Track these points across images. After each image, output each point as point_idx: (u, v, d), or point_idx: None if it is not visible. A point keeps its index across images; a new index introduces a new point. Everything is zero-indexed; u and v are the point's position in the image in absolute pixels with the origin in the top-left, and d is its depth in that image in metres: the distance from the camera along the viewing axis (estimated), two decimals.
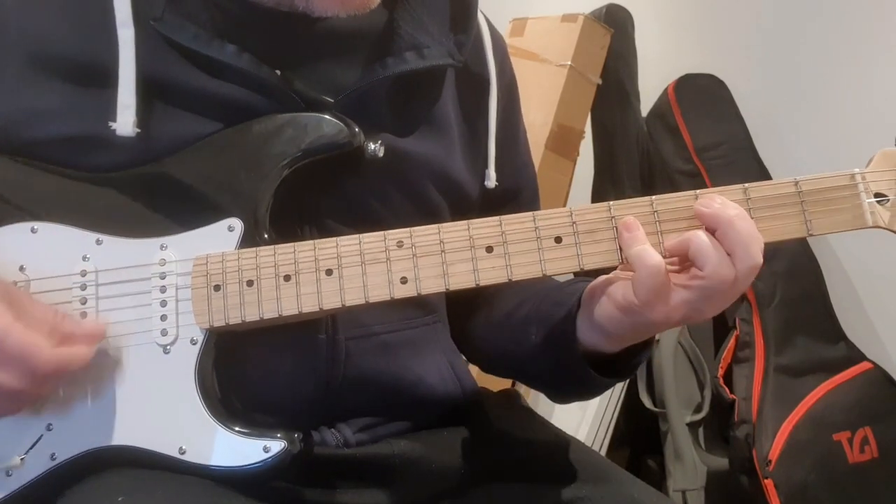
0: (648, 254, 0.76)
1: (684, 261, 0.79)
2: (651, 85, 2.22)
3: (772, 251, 2.01)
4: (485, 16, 1.06)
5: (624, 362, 0.87)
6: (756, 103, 2.13)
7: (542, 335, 0.91)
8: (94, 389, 0.81)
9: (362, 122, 0.87)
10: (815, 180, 0.80)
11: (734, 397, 1.89)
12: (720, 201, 0.78)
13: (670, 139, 2.14)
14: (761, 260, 0.76)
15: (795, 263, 1.96)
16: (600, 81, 2.15)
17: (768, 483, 1.75)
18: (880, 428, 1.86)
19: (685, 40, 2.37)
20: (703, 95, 2.16)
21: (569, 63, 2.09)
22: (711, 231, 0.77)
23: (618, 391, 2.05)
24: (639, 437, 2.17)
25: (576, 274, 0.85)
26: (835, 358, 1.93)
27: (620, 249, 0.79)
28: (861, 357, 1.94)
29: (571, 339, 0.86)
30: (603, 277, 0.84)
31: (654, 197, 0.80)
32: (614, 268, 0.82)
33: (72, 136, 0.84)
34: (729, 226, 0.76)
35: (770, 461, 1.76)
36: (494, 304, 1.04)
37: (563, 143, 2.09)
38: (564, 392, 0.98)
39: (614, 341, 0.84)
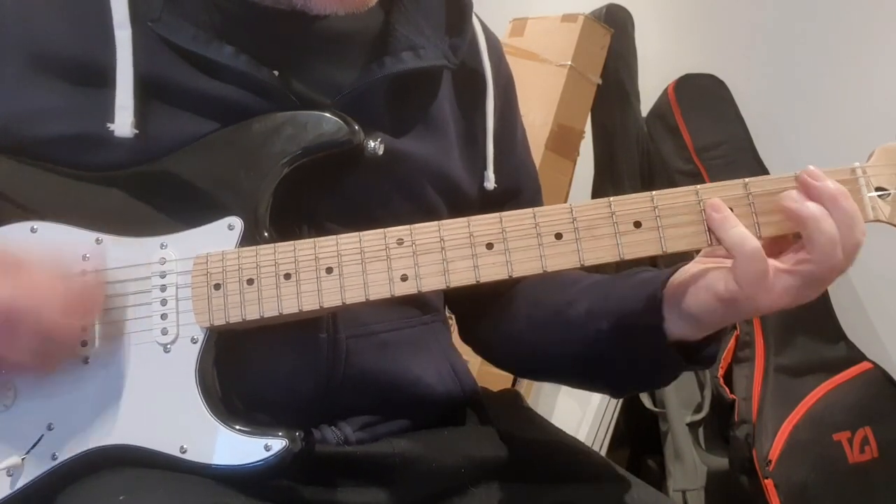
0: (747, 238, 0.74)
1: (776, 240, 0.77)
2: (651, 85, 2.22)
3: None
4: (479, 18, 1.06)
5: (706, 348, 0.84)
6: (756, 103, 2.13)
7: (617, 330, 0.88)
8: (94, 389, 0.80)
9: (360, 122, 0.87)
10: None
11: (734, 397, 1.89)
12: (823, 180, 0.76)
13: (670, 139, 2.14)
14: (864, 241, 0.74)
15: None
16: (600, 81, 2.15)
17: (768, 483, 1.75)
18: (880, 428, 1.86)
19: (685, 40, 2.37)
20: (703, 95, 2.16)
21: (569, 63, 2.09)
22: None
23: None
24: (639, 437, 2.17)
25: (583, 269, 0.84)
26: (835, 358, 1.93)
27: (622, 245, 0.78)
28: (861, 357, 1.94)
29: (659, 330, 0.82)
30: (693, 268, 0.81)
31: (654, 192, 0.79)
32: (615, 263, 0.81)
33: (70, 136, 0.84)
34: (834, 204, 0.74)
35: (770, 461, 1.76)
36: (538, 302, 1.01)
37: (563, 143, 2.09)
38: (634, 384, 0.97)
39: (705, 329, 0.81)
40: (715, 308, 0.77)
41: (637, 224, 0.79)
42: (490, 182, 1.04)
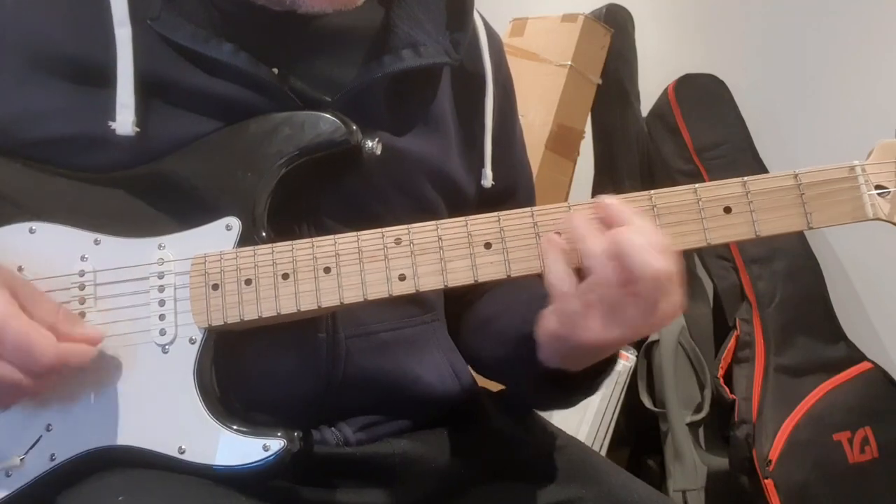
0: (560, 281, 0.75)
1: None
2: (651, 85, 2.22)
3: (772, 251, 2.02)
4: (480, 14, 1.06)
5: (588, 381, 0.86)
6: (756, 103, 2.13)
7: (511, 351, 0.90)
8: (93, 389, 0.81)
9: (359, 120, 0.87)
10: (815, 173, 0.80)
11: (734, 397, 1.88)
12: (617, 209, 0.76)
13: (670, 139, 2.14)
14: (657, 266, 0.71)
15: (795, 263, 1.96)
16: (600, 81, 2.15)
17: (768, 483, 1.75)
18: (880, 428, 1.86)
19: (685, 40, 2.37)
20: (703, 95, 2.16)
21: (569, 63, 2.08)
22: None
23: (618, 391, 2.04)
24: (639, 437, 2.17)
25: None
26: (835, 358, 1.93)
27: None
28: (861, 357, 1.94)
29: (534, 361, 0.84)
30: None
31: (652, 191, 0.79)
32: None
33: (71, 136, 0.84)
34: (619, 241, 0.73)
35: (770, 461, 1.76)
36: (479, 309, 1.03)
37: (563, 143, 2.09)
38: (540, 402, 0.98)
39: (570, 363, 0.82)
40: (551, 343, 0.79)
41: None
42: (488, 180, 1.04)
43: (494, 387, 1.13)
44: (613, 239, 0.73)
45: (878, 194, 0.80)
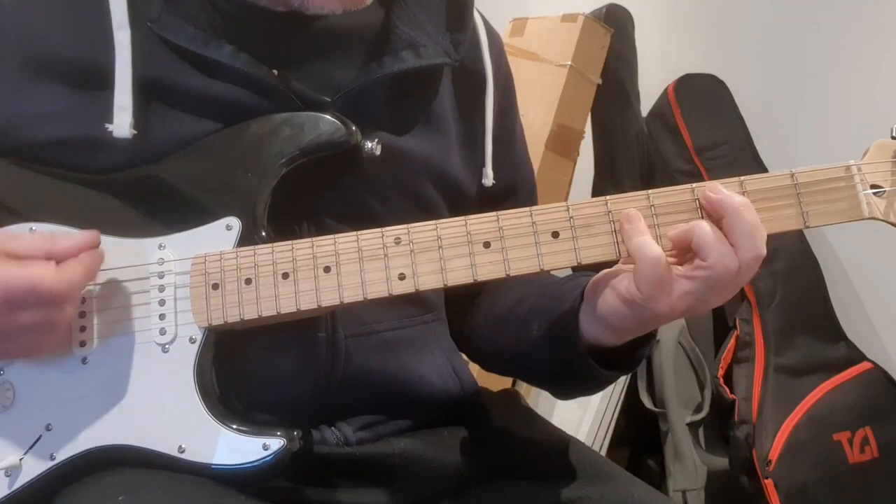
0: (648, 245, 0.76)
1: (686, 251, 0.78)
2: (651, 85, 2.22)
3: (772, 251, 2.01)
4: (481, 14, 1.06)
5: (626, 355, 0.86)
6: (756, 103, 2.13)
7: (544, 330, 0.90)
8: (92, 389, 0.81)
9: (359, 120, 0.87)
10: (811, 172, 0.80)
11: (734, 397, 1.88)
12: (727, 192, 0.78)
13: (670, 139, 2.14)
14: (765, 251, 0.76)
15: (795, 263, 1.96)
16: (600, 81, 2.15)
17: (768, 483, 1.75)
18: (880, 428, 1.86)
19: (685, 40, 2.37)
20: (703, 95, 2.16)
21: (569, 63, 2.09)
22: (716, 220, 0.77)
23: (618, 391, 2.05)
24: (639, 437, 2.17)
25: (574, 269, 0.84)
26: (835, 358, 1.93)
27: (619, 243, 0.79)
28: (861, 357, 1.94)
29: (574, 334, 0.85)
30: (606, 271, 0.83)
31: (650, 191, 0.79)
32: (612, 262, 0.82)
33: (70, 139, 0.84)
34: (735, 214, 0.76)
35: (770, 461, 1.76)
36: (495, 301, 1.04)
37: (563, 143, 2.09)
38: (567, 388, 0.97)
39: (617, 334, 0.83)
40: (618, 308, 0.79)
41: None
42: (488, 179, 1.04)
43: (495, 386, 1.13)
44: (743, 220, 0.75)
45: (874, 193, 0.80)
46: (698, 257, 0.76)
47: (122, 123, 0.83)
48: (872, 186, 0.80)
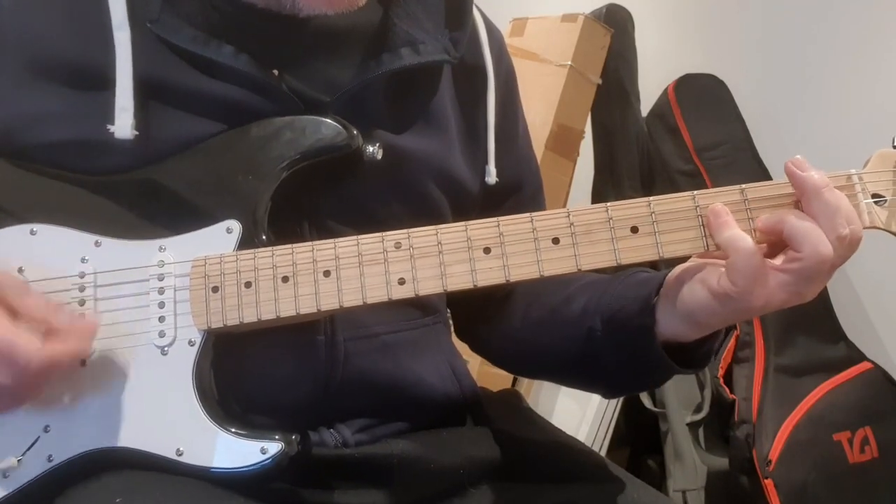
0: (742, 237, 0.75)
1: (775, 243, 0.78)
2: (651, 85, 2.22)
3: None
4: (480, 10, 1.06)
5: (699, 350, 0.85)
6: (756, 103, 2.13)
7: (610, 329, 0.88)
8: (91, 391, 0.81)
9: (360, 120, 0.87)
10: None
11: (734, 397, 1.89)
12: (807, 173, 0.77)
13: (670, 139, 2.14)
14: (846, 231, 0.74)
15: None
16: (600, 81, 2.15)
17: (768, 483, 1.75)
18: (880, 428, 1.86)
19: (685, 40, 2.37)
20: (703, 95, 2.16)
21: (569, 63, 2.09)
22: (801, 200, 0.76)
23: None
24: (639, 437, 2.17)
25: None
26: (835, 358, 1.93)
27: (618, 250, 0.78)
28: (861, 357, 1.95)
29: (650, 332, 0.83)
30: (687, 264, 0.82)
31: (651, 198, 0.79)
32: (613, 268, 0.81)
33: (70, 140, 0.84)
34: (815, 195, 0.75)
35: (770, 461, 1.76)
36: (532, 303, 1.02)
37: (563, 143, 2.09)
38: (626, 386, 0.96)
39: (701, 329, 0.82)
40: (709, 303, 0.77)
41: (634, 229, 0.79)
42: (491, 176, 1.03)
43: (495, 387, 1.13)
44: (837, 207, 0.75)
45: (875, 203, 0.80)
46: (791, 248, 0.75)
47: (123, 124, 0.83)
48: (874, 196, 0.80)
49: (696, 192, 0.79)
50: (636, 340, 0.85)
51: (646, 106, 2.23)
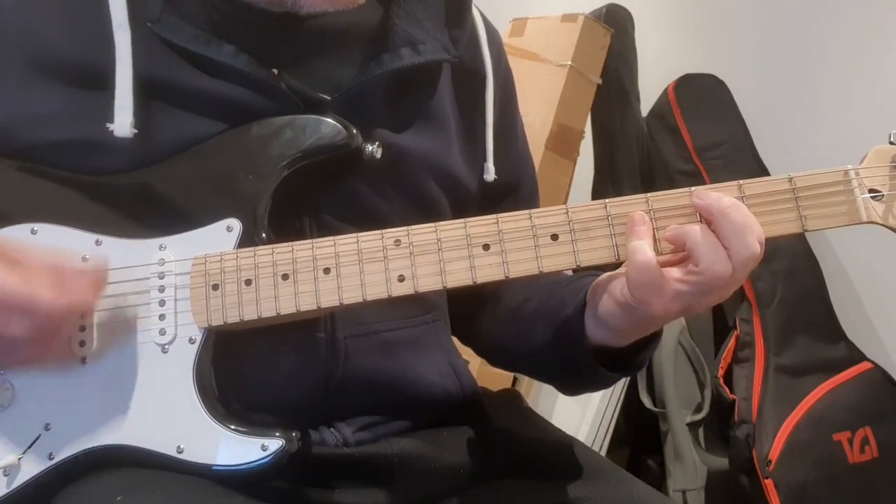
0: (640, 250, 0.76)
1: (681, 250, 0.79)
2: (651, 85, 2.22)
3: (772, 251, 2.01)
4: (479, 10, 1.06)
5: (632, 356, 0.87)
6: (756, 103, 2.13)
7: (550, 332, 0.91)
8: (92, 389, 0.81)
9: (360, 119, 0.87)
10: (810, 176, 0.80)
11: (734, 397, 1.89)
12: (715, 195, 0.78)
13: (670, 139, 2.14)
14: (758, 250, 0.76)
15: (795, 263, 1.96)
16: (600, 81, 2.15)
17: (768, 483, 1.75)
18: (880, 428, 1.86)
19: (685, 40, 2.37)
20: (703, 95, 2.16)
21: (569, 63, 2.09)
22: (708, 223, 0.77)
23: (618, 391, 2.05)
24: (639, 437, 2.17)
25: (574, 271, 0.84)
26: (835, 358, 1.93)
27: (617, 246, 0.79)
28: (861, 357, 1.95)
29: (580, 336, 0.86)
30: (608, 274, 0.84)
31: (649, 194, 0.80)
32: (613, 264, 0.82)
33: (71, 140, 0.84)
34: (722, 217, 0.76)
35: (770, 461, 1.76)
36: (500, 300, 1.04)
37: (563, 143, 2.09)
38: (572, 386, 0.99)
39: (620, 336, 0.84)
40: (614, 312, 0.80)
41: None
42: (490, 174, 1.04)
43: (495, 387, 1.13)
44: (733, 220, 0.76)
45: (872, 198, 0.80)
46: (691, 261, 0.76)
47: (122, 123, 0.83)
48: (871, 191, 0.80)
49: (693, 188, 0.79)
50: (569, 344, 0.88)
51: (646, 106, 2.23)
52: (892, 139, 0.82)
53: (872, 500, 1.83)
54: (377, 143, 0.88)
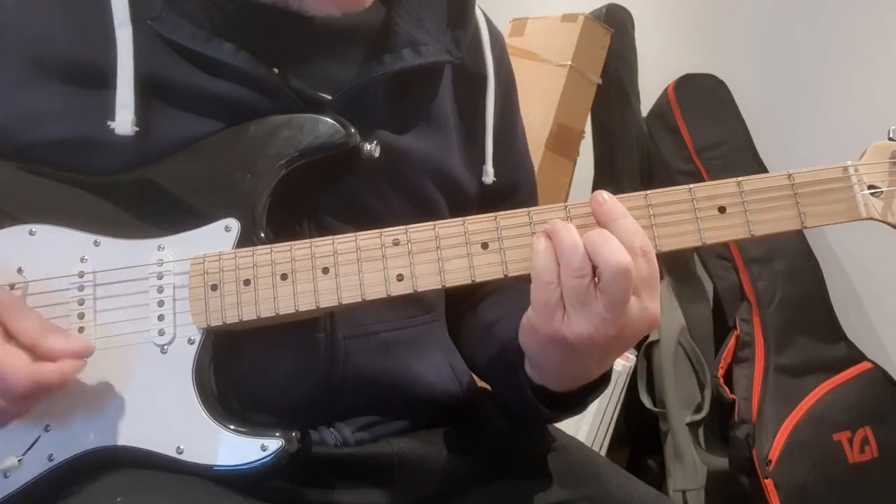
0: (537, 270, 0.76)
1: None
2: (651, 85, 2.22)
3: (772, 250, 2.02)
4: (483, 11, 1.06)
5: (576, 398, 0.86)
6: (756, 103, 2.13)
7: (499, 359, 0.91)
8: (91, 390, 0.81)
9: (360, 119, 0.87)
10: (809, 173, 0.80)
11: (734, 397, 1.89)
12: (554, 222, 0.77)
13: (670, 139, 2.14)
14: (621, 259, 0.73)
15: (795, 263, 1.96)
16: (600, 81, 2.15)
17: (768, 483, 1.75)
18: (880, 428, 1.86)
19: (685, 40, 2.37)
20: (703, 95, 2.16)
21: (569, 63, 2.09)
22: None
23: (618, 391, 2.04)
24: (639, 437, 2.17)
25: None
26: (835, 358, 1.93)
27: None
28: (861, 357, 1.94)
29: (519, 370, 0.86)
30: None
31: (648, 191, 0.79)
32: None
33: (71, 139, 0.84)
34: (556, 240, 0.76)
35: (770, 461, 1.76)
36: (480, 313, 1.04)
37: (563, 143, 2.09)
38: (514, 419, 0.97)
39: (551, 377, 0.83)
40: (526, 338, 0.80)
41: None
42: (489, 176, 1.04)
43: None
44: (587, 234, 0.75)
45: (871, 194, 0.80)
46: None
47: (123, 121, 0.83)
48: (870, 187, 0.80)
49: (693, 185, 0.79)
50: (513, 373, 0.87)
51: (646, 106, 2.23)
52: (891, 135, 0.82)
53: (872, 500, 1.82)
54: (375, 142, 0.88)
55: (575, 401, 0.86)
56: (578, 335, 0.75)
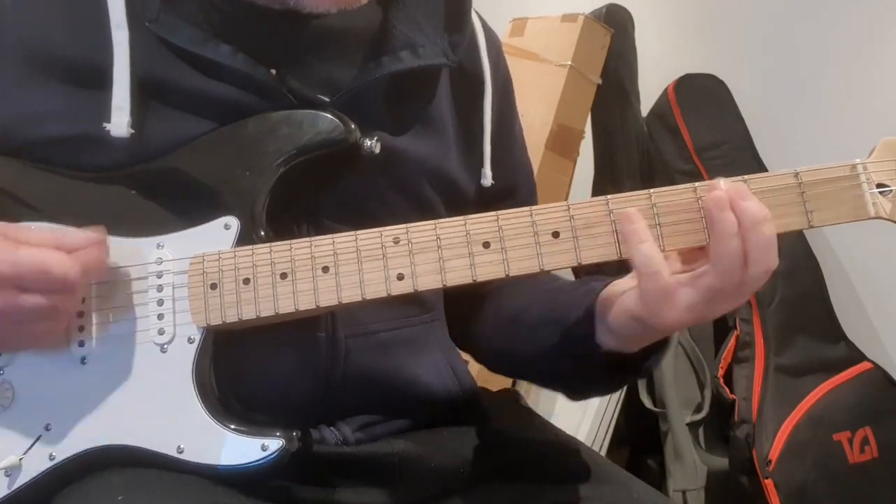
0: (650, 261, 0.75)
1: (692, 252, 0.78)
2: (651, 85, 2.22)
3: None
4: (479, 15, 1.06)
5: (642, 360, 0.86)
6: (756, 103, 2.13)
7: (558, 336, 0.90)
8: (91, 389, 0.81)
9: (358, 121, 0.87)
10: (816, 171, 0.78)
11: (734, 397, 1.89)
12: (755, 204, 0.75)
13: (670, 139, 2.14)
14: (776, 263, 0.74)
15: (795, 263, 1.96)
16: (600, 81, 2.15)
17: (768, 483, 1.75)
18: (880, 428, 1.86)
19: (685, 40, 2.37)
20: (703, 95, 2.16)
21: (569, 63, 2.09)
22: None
23: (618, 391, 2.05)
24: (639, 437, 2.17)
25: (574, 269, 0.84)
26: (835, 358, 1.93)
27: (619, 243, 0.78)
28: (861, 357, 1.94)
29: (591, 342, 0.85)
30: (617, 284, 0.83)
31: (652, 190, 0.78)
32: (615, 261, 0.81)
33: (68, 138, 0.84)
34: (754, 227, 0.73)
35: (770, 461, 1.76)
36: (502, 304, 1.03)
37: (563, 143, 2.09)
38: (582, 390, 0.97)
39: (632, 343, 0.83)
40: (627, 324, 0.79)
41: None
42: (487, 179, 1.04)
43: (494, 387, 1.13)
44: (748, 237, 0.74)
45: (880, 193, 0.78)
46: (708, 260, 0.74)
47: (119, 123, 0.83)
48: (878, 185, 0.78)
49: (697, 183, 0.78)
50: (580, 350, 0.87)
51: (646, 106, 2.23)
52: None
53: (872, 500, 1.82)
54: (375, 138, 0.88)
55: (642, 363, 0.87)
56: (688, 323, 0.76)
